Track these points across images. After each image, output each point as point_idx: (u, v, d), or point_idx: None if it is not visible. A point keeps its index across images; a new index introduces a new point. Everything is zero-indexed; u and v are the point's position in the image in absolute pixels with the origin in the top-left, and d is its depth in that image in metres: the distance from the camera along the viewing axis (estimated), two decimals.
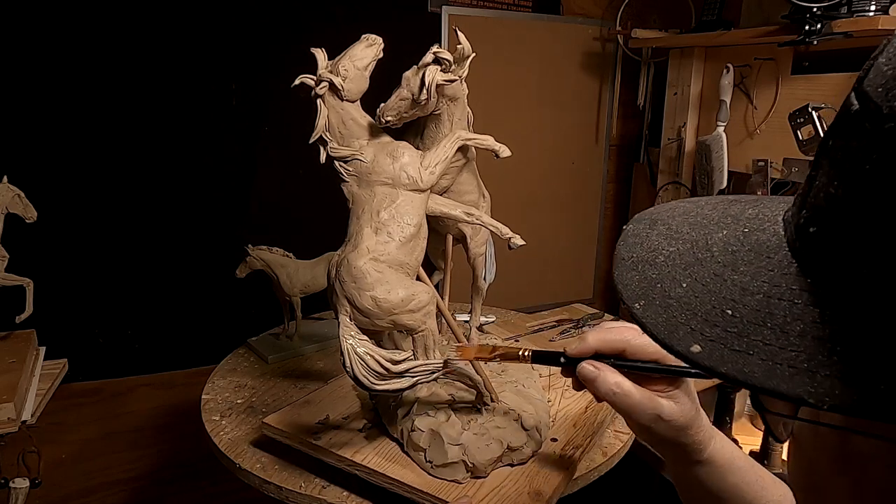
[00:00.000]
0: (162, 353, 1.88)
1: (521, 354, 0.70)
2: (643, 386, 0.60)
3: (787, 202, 0.37)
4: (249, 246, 1.27)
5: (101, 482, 1.86)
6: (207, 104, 1.79)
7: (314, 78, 0.80)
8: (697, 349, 0.32)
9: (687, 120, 2.06)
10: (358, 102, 0.83)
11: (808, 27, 1.46)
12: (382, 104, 0.81)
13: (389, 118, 0.81)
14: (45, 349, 1.40)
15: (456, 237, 1.03)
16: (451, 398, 0.88)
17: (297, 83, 0.80)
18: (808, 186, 0.33)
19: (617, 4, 2.26)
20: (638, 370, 0.60)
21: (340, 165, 0.82)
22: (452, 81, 0.80)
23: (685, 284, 0.36)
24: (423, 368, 0.74)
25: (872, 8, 1.43)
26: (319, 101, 0.80)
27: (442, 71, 0.79)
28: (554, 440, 0.91)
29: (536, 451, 0.87)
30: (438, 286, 1.14)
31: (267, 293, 1.32)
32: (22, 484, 1.25)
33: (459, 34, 0.85)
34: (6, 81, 1.57)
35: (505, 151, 0.89)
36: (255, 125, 1.86)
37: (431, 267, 1.15)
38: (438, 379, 0.80)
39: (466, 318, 1.21)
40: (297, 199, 1.92)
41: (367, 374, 0.72)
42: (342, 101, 0.81)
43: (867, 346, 0.27)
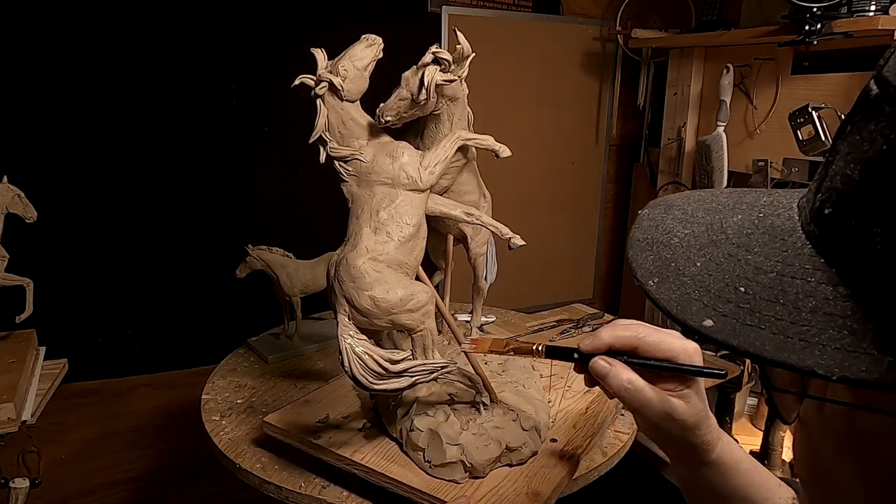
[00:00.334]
0: (162, 353, 1.88)
1: (534, 349, 0.70)
2: (654, 384, 0.60)
3: (801, 192, 0.38)
4: (249, 246, 1.27)
5: (101, 482, 1.87)
6: (207, 104, 1.79)
7: (314, 78, 0.80)
8: (710, 323, 0.33)
9: (687, 120, 2.06)
10: (358, 102, 0.83)
11: (808, 27, 1.46)
12: (382, 104, 0.81)
13: (389, 118, 0.81)
14: (45, 349, 1.40)
15: (457, 237, 1.03)
16: (450, 398, 0.88)
17: (296, 83, 0.80)
18: (824, 171, 0.34)
19: (617, 4, 2.26)
20: (650, 367, 0.60)
21: (340, 165, 0.82)
22: (451, 81, 0.80)
23: (699, 264, 0.37)
24: (421, 368, 0.74)
25: (872, 8, 1.43)
26: (319, 101, 0.80)
27: (441, 71, 0.79)
28: (554, 441, 0.91)
29: (535, 451, 0.86)
30: (440, 286, 1.14)
31: (267, 293, 1.32)
32: (22, 484, 1.25)
33: (458, 34, 0.85)
34: (6, 81, 1.57)
35: (505, 151, 0.89)
36: (255, 125, 1.86)
37: (433, 267, 1.15)
38: (438, 379, 0.80)
39: (468, 317, 1.21)
40: (297, 199, 1.92)
41: (365, 373, 0.72)
42: (342, 101, 0.81)
43: (878, 320, 0.28)
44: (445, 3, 2.02)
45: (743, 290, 0.33)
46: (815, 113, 1.48)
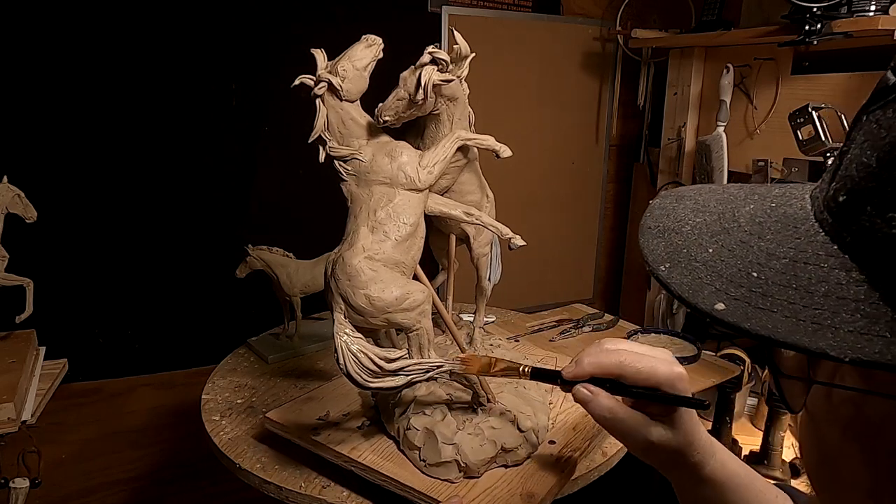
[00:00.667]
0: (162, 353, 1.88)
1: (520, 370, 0.70)
2: (644, 408, 0.60)
3: (812, 184, 0.39)
4: (249, 246, 1.27)
5: (101, 482, 1.87)
6: (207, 104, 1.80)
7: (314, 78, 0.80)
8: (722, 307, 0.33)
9: (687, 120, 2.06)
10: (357, 102, 0.83)
11: (808, 27, 1.46)
12: (380, 104, 0.81)
13: (387, 118, 0.81)
14: (45, 349, 1.40)
15: (459, 237, 1.03)
16: (448, 398, 0.88)
17: (296, 83, 0.80)
18: (839, 161, 0.34)
19: (617, 4, 2.26)
20: (634, 397, 0.60)
21: (339, 165, 0.82)
22: (449, 81, 0.80)
23: (711, 250, 0.37)
24: (416, 367, 0.74)
25: (872, 8, 1.43)
26: (319, 100, 0.80)
27: (439, 71, 0.79)
28: (552, 443, 0.90)
29: (532, 452, 0.86)
30: (443, 286, 1.14)
31: (267, 293, 1.32)
32: (22, 484, 1.26)
33: (456, 34, 0.85)
34: (6, 81, 1.57)
35: (506, 152, 0.89)
36: (255, 125, 1.87)
37: (436, 267, 1.15)
38: (436, 378, 0.80)
39: (471, 317, 1.21)
40: (297, 199, 1.92)
41: (360, 371, 0.72)
42: (341, 101, 0.81)
43: (893, 304, 0.29)
44: (445, 3, 2.02)
45: (755, 274, 0.34)
46: (815, 113, 1.48)
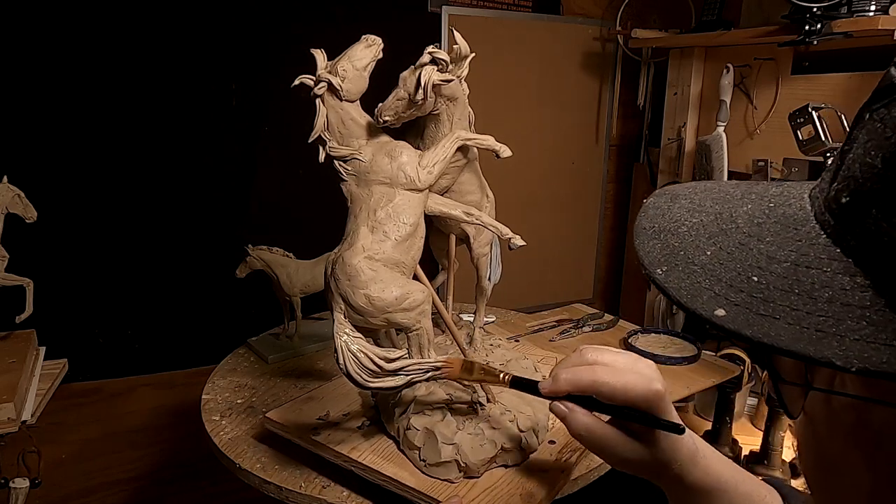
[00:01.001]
0: (162, 353, 1.88)
1: (501, 377, 0.70)
2: (620, 422, 0.60)
3: (811, 183, 0.38)
4: (249, 246, 1.27)
5: (101, 482, 1.87)
6: (207, 104, 1.80)
7: (313, 78, 0.80)
8: (722, 313, 0.32)
9: (687, 120, 2.06)
10: (357, 102, 0.83)
11: (808, 27, 1.46)
12: (380, 104, 0.81)
13: (387, 118, 0.81)
14: (45, 349, 1.40)
15: (459, 237, 1.03)
16: (448, 398, 0.88)
17: (296, 83, 0.80)
18: (840, 160, 0.33)
19: (617, 4, 2.26)
20: (611, 415, 0.60)
21: (339, 165, 0.82)
22: (449, 81, 0.80)
23: (709, 252, 0.36)
24: (416, 367, 0.74)
25: (872, 8, 1.43)
26: (318, 100, 0.80)
27: (439, 71, 0.79)
28: (552, 443, 0.90)
29: (532, 452, 0.86)
30: (443, 286, 1.14)
31: (267, 293, 1.32)
32: (22, 484, 1.26)
33: (456, 34, 0.85)
34: (6, 81, 1.57)
35: (506, 152, 0.89)
36: (255, 125, 1.87)
37: (436, 267, 1.15)
38: (436, 378, 0.80)
39: (471, 317, 1.21)
40: (297, 199, 1.93)
41: (360, 371, 0.72)
42: (341, 101, 0.81)
43: None
44: (445, 3, 2.02)
45: (756, 279, 0.33)
46: (815, 113, 1.48)
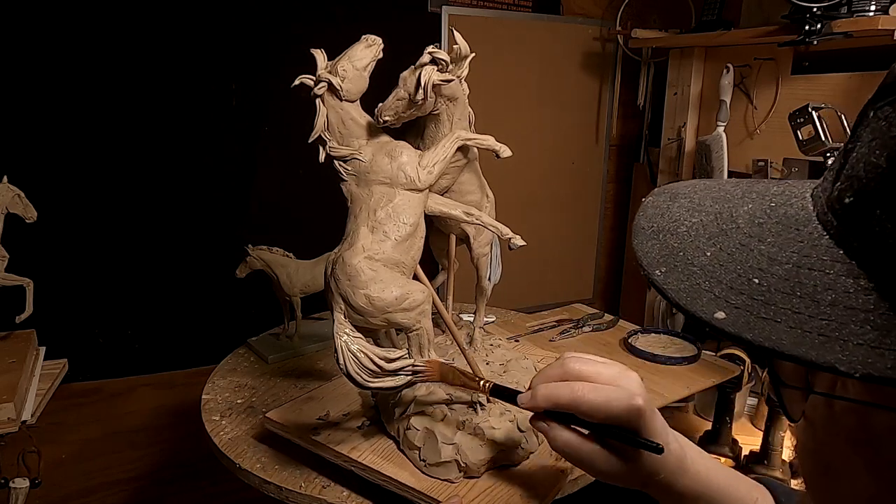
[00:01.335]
0: (162, 353, 1.88)
1: (481, 384, 0.70)
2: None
3: (812, 182, 0.37)
4: (249, 246, 1.27)
5: (101, 482, 1.87)
6: (207, 104, 1.80)
7: (313, 78, 0.80)
8: (722, 315, 0.31)
9: (687, 120, 2.06)
10: (357, 102, 0.83)
11: (808, 27, 1.46)
12: (380, 104, 0.81)
13: (387, 118, 0.81)
14: (45, 349, 1.40)
15: (459, 237, 1.03)
16: (448, 397, 0.88)
17: (296, 83, 0.80)
18: (843, 159, 0.32)
19: (617, 4, 2.26)
20: (590, 430, 0.60)
21: (339, 165, 0.82)
22: (449, 81, 0.80)
23: (709, 253, 0.35)
24: (413, 366, 0.74)
25: (872, 8, 1.43)
26: (318, 100, 0.80)
27: (439, 71, 0.79)
28: None
29: (532, 452, 0.86)
30: (443, 286, 1.14)
31: (267, 293, 1.32)
32: (22, 484, 1.26)
33: (456, 34, 0.85)
34: (6, 81, 1.57)
35: (506, 152, 0.89)
36: (255, 125, 1.87)
37: (436, 267, 1.15)
38: (419, 381, 0.79)
39: (471, 317, 1.21)
40: (297, 199, 1.93)
41: (360, 371, 0.72)
42: (341, 101, 0.81)
43: None
44: (445, 3, 2.02)
45: (757, 281, 0.32)
46: (815, 113, 1.48)
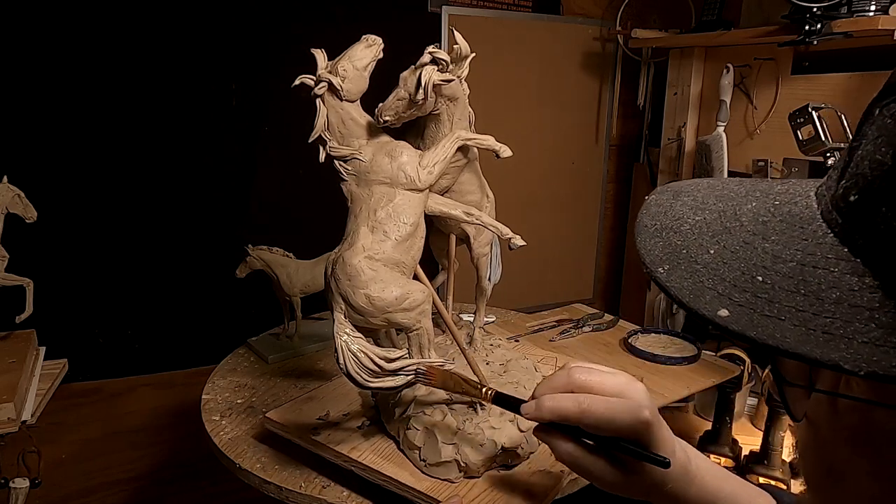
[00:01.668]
0: (162, 353, 1.88)
1: (483, 392, 0.70)
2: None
3: (817, 181, 0.37)
4: (249, 246, 1.27)
5: (101, 482, 1.87)
6: (207, 104, 1.80)
7: (314, 78, 0.80)
8: (725, 313, 0.31)
9: (687, 120, 2.06)
10: (358, 102, 0.83)
11: (808, 27, 1.46)
12: (380, 104, 0.81)
13: (387, 118, 0.81)
14: (45, 349, 1.40)
15: (459, 237, 1.03)
16: (448, 397, 0.88)
17: (296, 83, 0.80)
18: (848, 157, 0.32)
19: (617, 4, 2.26)
20: (596, 443, 0.59)
21: (340, 164, 0.82)
22: (449, 81, 0.80)
23: (712, 251, 0.35)
24: (416, 367, 0.74)
25: (872, 8, 1.43)
26: (319, 100, 0.80)
27: (439, 71, 0.79)
28: None
29: (532, 452, 0.86)
30: (443, 286, 1.14)
31: (267, 293, 1.32)
32: (22, 484, 1.25)
33: (456, 34, 0.85)
34: (6, 81, 1.57)
35: (506, 151, 0.89)
36: (255, 125, 1.87)
37: (435, 267, 1.15)
38: (421, 382, 0.79)
39: (471, 317, 1.21)
40: (297, 199, 1.93)
41: (360, 370, 0.72)
42: (341, 100, 0.81)
43: None
44: (445, 3, 2.02)
45: (760, 279, 0.32)
46: (815, 113, 1.48)
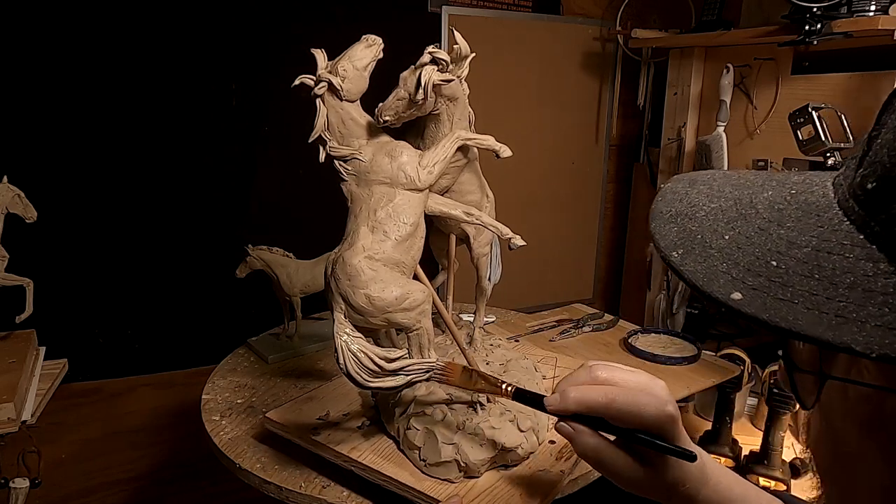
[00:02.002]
0: (162, 353, 1.88)
1: (503, 388, 0.69)
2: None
3: (833, 172, 0.37)
4: (249, 246, 1.27)
5: (101, 482, 1.87)
6: (207, 104, 1.80)
7: (314, 78, 0.80)
8: (738, 296, 0.32)
9: (687, 120, 2.06)
10: (357, 102, 0.83)
11: (808, 27, 1.46)
12: (380, 104, 0.81)
13: (387, 118, 0.81)
14: (45, 349, 1.40)
15: (459, 237, 1.03)
16: (448, 398, 0.88)
17: (296, 83, 0.80)
18: (867, 146, 0.33)
19: (617, 4, 2.26)
20: (620, 436, 0.59)
21: (340, 164, 0.82)
22: (449, 81, 0.80)
23: (727, 237, 0.36)
24: (416, 367, 0.74)
25: (872, 8, 1.43)
26: (319, 100, 0.80)
27: (439, 71, 0.79)
28: (552, 443, 0.90)
29: (532, 452, 0.86)
30: (443, 286, 1.14)
31: (267, 293, 1.32)
32: (22, 484, 1.26)
33: (456, 34, 0.85)
34: (6, 81, 1.57)
35: (506, 151, 0.89)
36: (255, 125, 1.86)
37: (435, 267, 1.15)
38: (436, 379, 0.79)
39: (471, 317, 1.21)
40: (297, 199, 1.93)
41: (360, 370, 0.72)
42: (341, 100, 0.81)
43: None
44: (445, 3, 2.02)
45: (775, 263, 0.32)
46: (815, 113, 1.48)
